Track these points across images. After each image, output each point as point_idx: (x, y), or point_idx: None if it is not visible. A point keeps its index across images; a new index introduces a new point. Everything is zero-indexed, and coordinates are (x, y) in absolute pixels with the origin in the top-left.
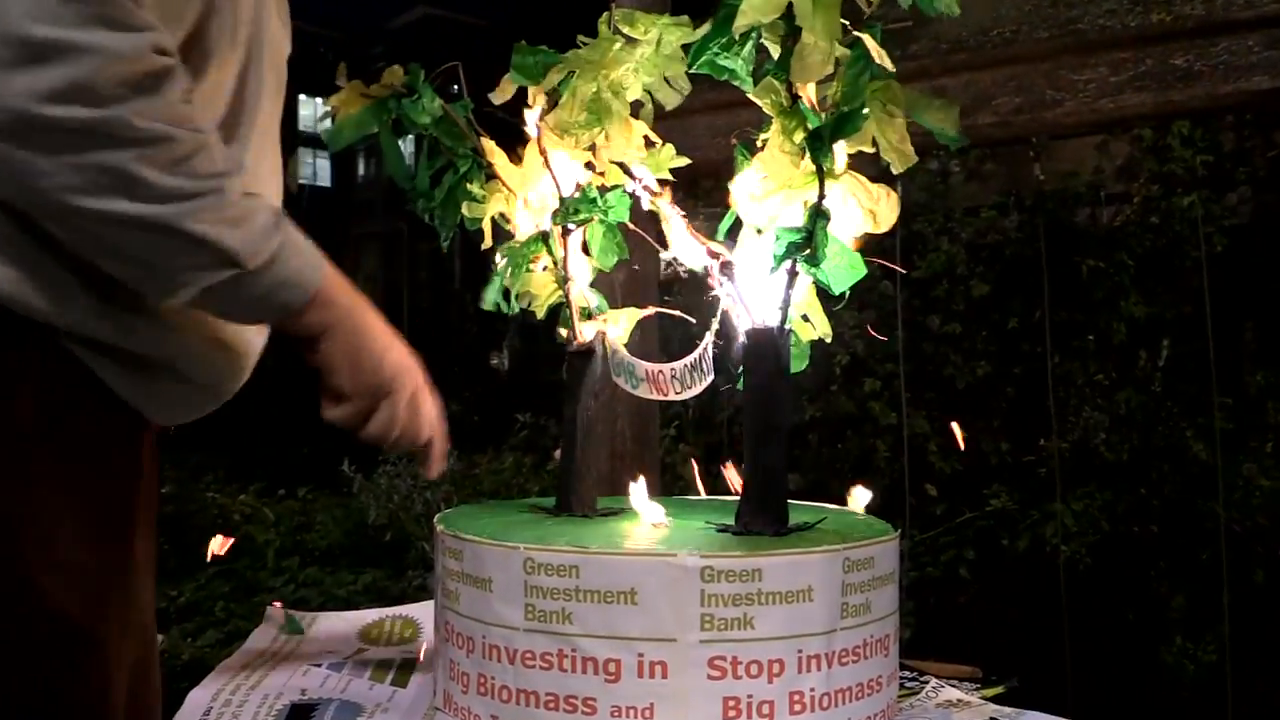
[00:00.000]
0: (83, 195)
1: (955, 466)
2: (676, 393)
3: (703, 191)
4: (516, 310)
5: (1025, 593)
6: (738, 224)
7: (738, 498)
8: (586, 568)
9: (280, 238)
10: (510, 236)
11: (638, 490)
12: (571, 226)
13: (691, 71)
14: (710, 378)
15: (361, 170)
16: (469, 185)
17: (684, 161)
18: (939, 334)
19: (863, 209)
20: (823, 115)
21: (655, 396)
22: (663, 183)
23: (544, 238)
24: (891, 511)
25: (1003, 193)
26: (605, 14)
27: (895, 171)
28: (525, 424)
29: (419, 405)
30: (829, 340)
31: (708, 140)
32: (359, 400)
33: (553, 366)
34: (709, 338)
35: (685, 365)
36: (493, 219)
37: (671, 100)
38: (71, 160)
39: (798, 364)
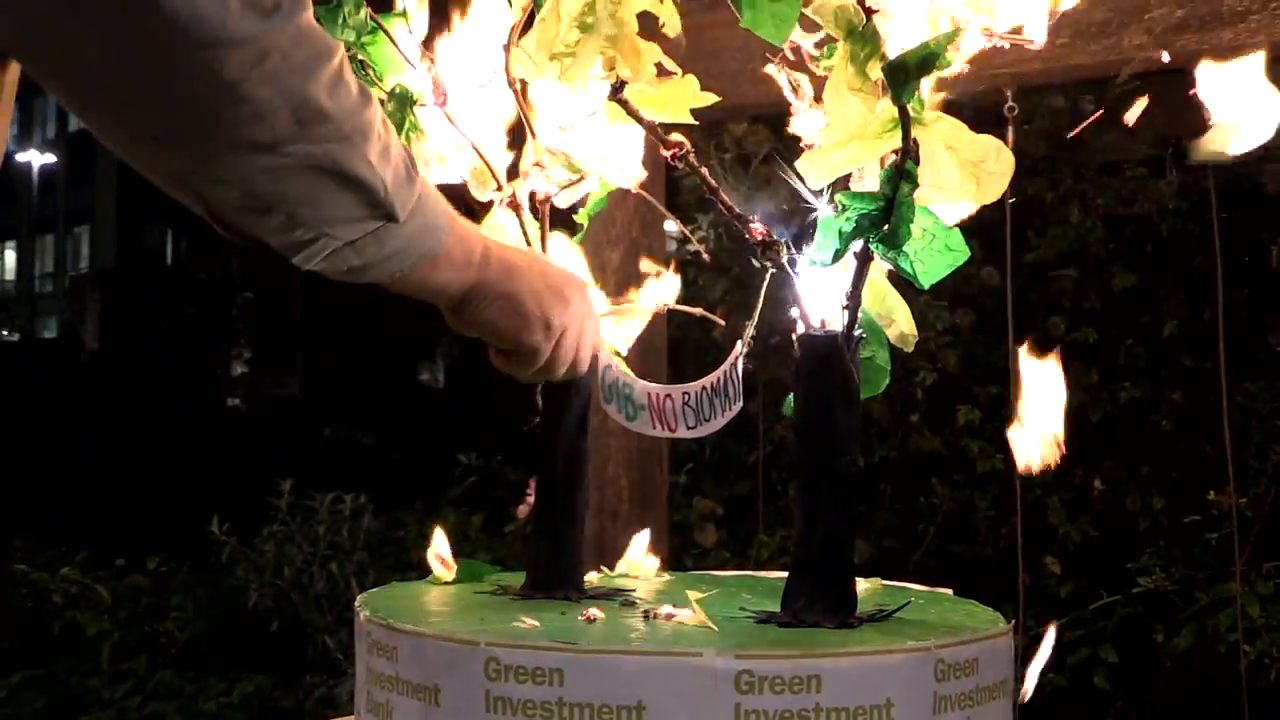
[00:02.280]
0: (253, 133)
1: (1088, 530)
2: (690, 427)
3: (732, 139)
4: None
5: (1190, 710)
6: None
7: (783, 574)
8: (574, 672)
9: (418, 174)
10: None
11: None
12: (554, 191)
13: None
14: (739, 406)
15: None
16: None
17: (710, 99)
18: (1065, 342)
19: (962, 169)
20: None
21: (661, 432)
22: (681, 128)
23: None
24: (999, 594)
25: (1157, 143)
26: None
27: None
28: (471, 467)
29: (582, 340)
30: (908, 349)
31: (740, 67)
32: (531, 351)
33: (511, 385)
34: (739, 348)
35: (704, 389)
36: None
37: (673, 22)
38: (251, 89)
39: (873, 386)
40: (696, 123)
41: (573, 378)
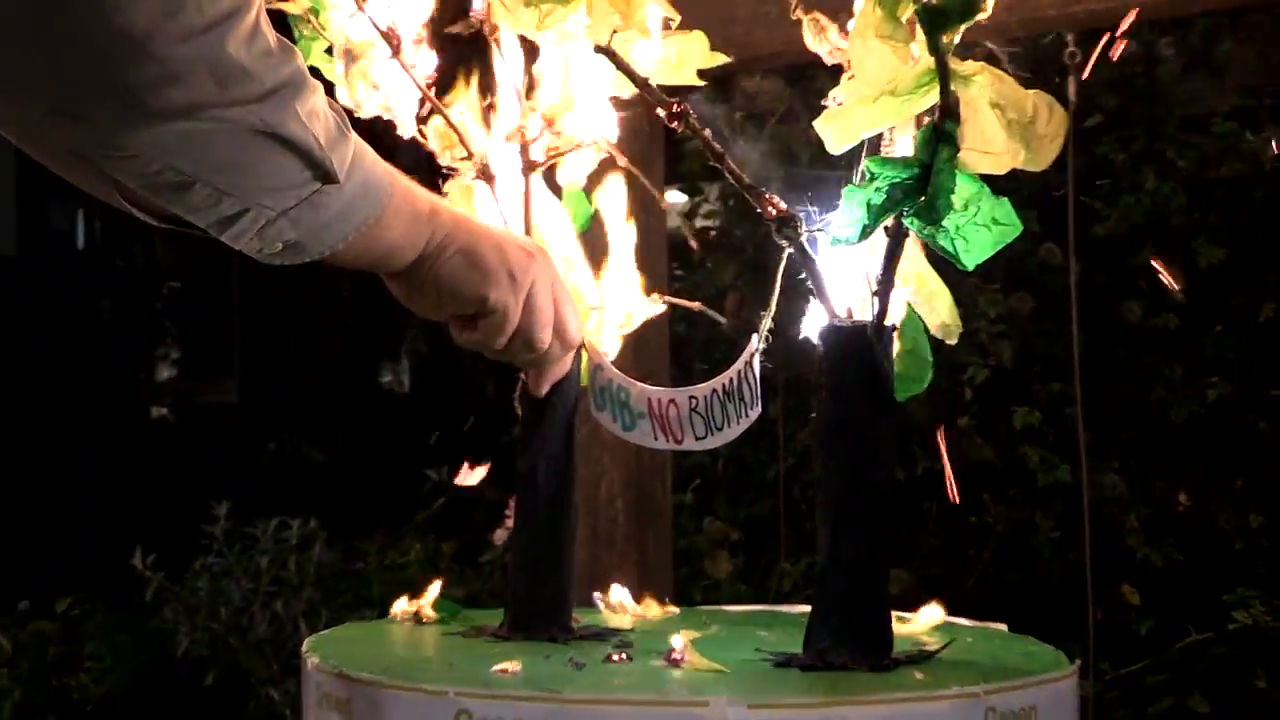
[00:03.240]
0: (174, 93)
1: (1173, 555)
2: (700, 437)
3: (743, 98)
4: None
5: None
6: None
7: (807, 609)
8: None
9: (350, 130)
10: None
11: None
12: (541, 161)
13: None
14: (756, 412)
15: None
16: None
17: (720, 60)
18: (1141, 330)
19: (1010, 129)
20: None
21: (665, 444)
22: (683, 91)
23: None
24: (1063, 630)
25: (1248, 92)
26: None
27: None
28: (441, 485)
29: (560, 301)
30: (952, 341)
31: (753, 12)
32: (500, 309)
33: (490, 389)
34: (755, 343)
35: (715, 392)
36: None
37: None
38: (163, 46)
39: (914, 382)
40: (701, 83)
41: (570, 351)
